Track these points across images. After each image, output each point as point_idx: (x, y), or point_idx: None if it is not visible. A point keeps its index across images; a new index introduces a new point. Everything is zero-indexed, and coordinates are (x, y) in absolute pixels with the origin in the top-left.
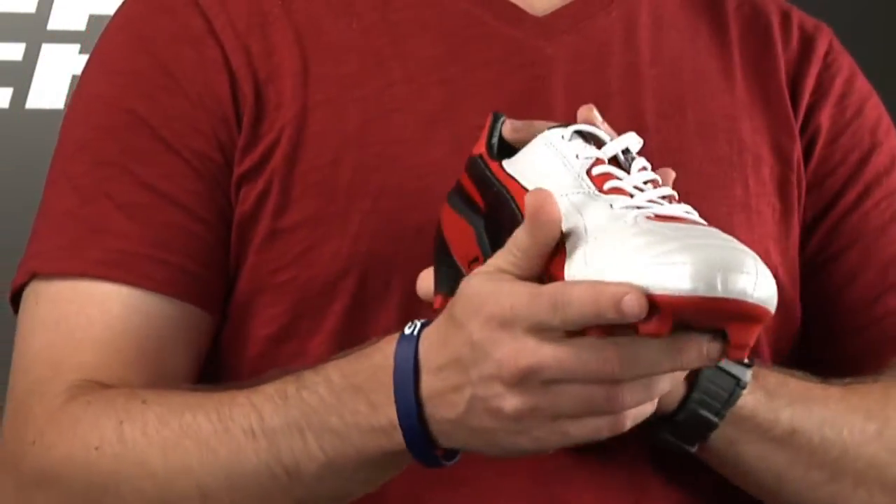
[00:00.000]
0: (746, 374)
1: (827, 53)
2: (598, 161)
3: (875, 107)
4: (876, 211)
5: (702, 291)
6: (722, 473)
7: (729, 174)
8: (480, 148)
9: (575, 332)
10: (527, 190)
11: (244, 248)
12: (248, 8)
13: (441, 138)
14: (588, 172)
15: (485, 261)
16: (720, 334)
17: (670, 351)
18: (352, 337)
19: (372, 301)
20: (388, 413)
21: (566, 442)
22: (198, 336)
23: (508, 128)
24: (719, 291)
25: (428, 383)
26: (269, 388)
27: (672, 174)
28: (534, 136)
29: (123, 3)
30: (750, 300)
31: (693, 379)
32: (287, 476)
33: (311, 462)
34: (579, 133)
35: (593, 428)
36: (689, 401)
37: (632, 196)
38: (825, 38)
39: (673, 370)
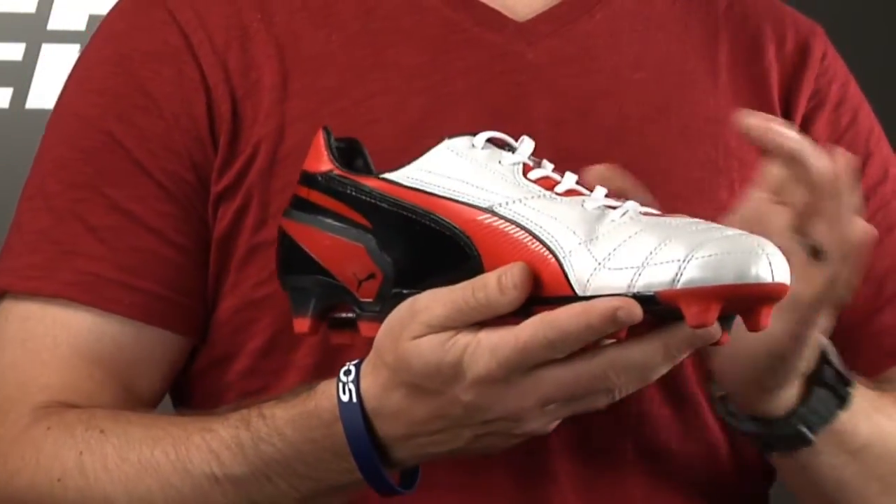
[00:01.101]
0: (852, 396)
1: (823, 58)
2: (527, 166)
3: (867, 114)
4: (872, 223)
5: (742, 279)
6: (783, 475)
7: (714, 178)
8: (324, 164)
9: None
10: (455, 201)
11: (225, 265)
12: (227, 22)
13: (420, 148)
14: (525, 177)
15: (384, 275)
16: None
17: (661, 348)
18: (335, 348)
19: None
20: (352, 460)
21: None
22: (168, 358)
23: (599, 176)
24: (753, 277)
25: (402, 447)
26: (223, 433)
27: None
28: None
29: (105, 19)
30: (776, 281)
31: (805, 393)
32: None
33: (287, 499)
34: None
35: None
36: (794, 416)
37: (589, 196)
38: (821, 42)
39: (665, 364)
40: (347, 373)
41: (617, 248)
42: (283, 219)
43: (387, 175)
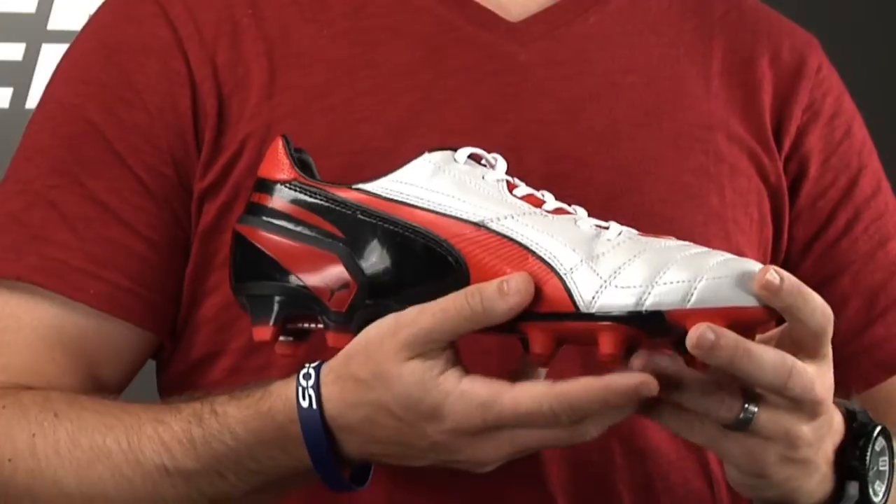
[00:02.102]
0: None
1: (818, 70)
2: (511, 184)
3: (860, 127)
4: (864, 236)
5: (747, 301)
6: None
7: (704, 184)
8: (285, 172)
9: None
10: (441, 214)
11: (208, 262)
12: (218, 16)
13: (409, 147)
14: (511, 194)
15: (359, 285)
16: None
17: (600, 397)
18: (320, 347)
19: None
20: (306, 458)
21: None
22: (129, 351)
23: (767, 287)
24: (755, 301)
25: (356, 454)
26: (175, 427)
27: None
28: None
29: (97, 10)
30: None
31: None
32: (212, 501)
33: (237, 491)
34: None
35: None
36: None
37: (575, 214)
38: (816, 55)
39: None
40: (307, 377)
41: (622, 266)
42: (241, 225)
43: (361, 186)
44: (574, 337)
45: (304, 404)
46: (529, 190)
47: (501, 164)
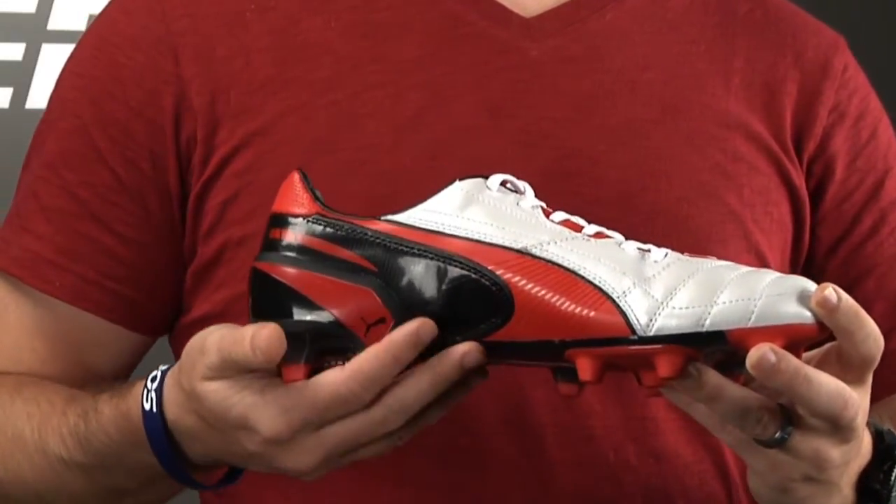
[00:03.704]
0: None
1: (844, 71)
2: (545, 210)
3: (886, 128)
4: (891, 239)
5: (804, 319)
6: None
7: (721, 182)
8: (305, 206)
9: None
10: (481, 243)
11: (218, 257)
12: (219, 9)
13: (413, 143)
14: (549, 220)
15: (395, 319)
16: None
17: (428, 378)
18: None
19: None
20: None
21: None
22: (108, 344)
23: (824, 304)
24: (810, 318)
25: (204, 452)
26: (71, 420)
27: None
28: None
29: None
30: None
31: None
32: (114, 491)
33: (129, 483)
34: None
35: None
36: None
37: (613, 238)
38: (842, 55)
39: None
40: (153, 379)
41: (676, 288)
42: (261, 262)
43: (392, 217)
44: (628, 362)
45: (146, 407)
46: (566, 216)
47: (530, 191)
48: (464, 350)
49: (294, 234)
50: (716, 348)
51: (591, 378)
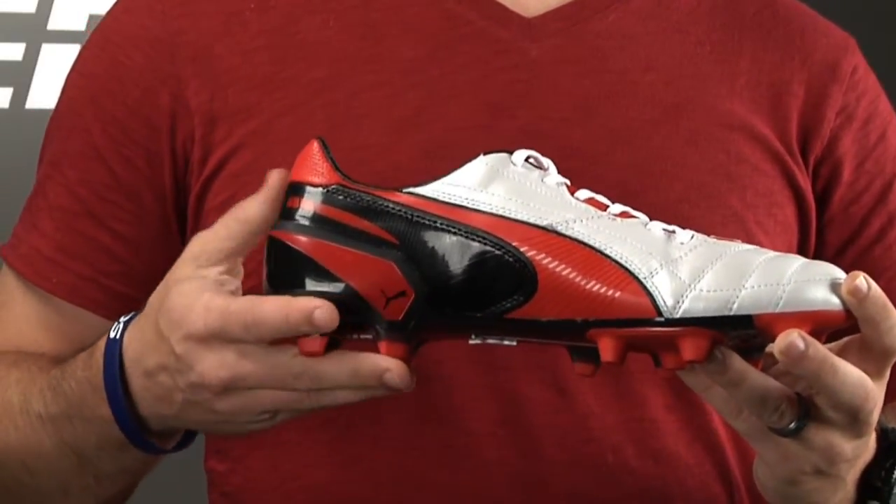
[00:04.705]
0: None
1: (853, 73)
2: (570, 187)
3: None
4: None
5: (831, 305)
6: None
7: (724, 184)
8: (324, 176)
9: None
10: (506, 219)
11: None
12: (217, 7)
13: (410, 143)
14: (574, 197)
15: (416, 293)
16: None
17: (349, 371)
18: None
19: None
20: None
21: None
22: (89, 338)
23: (855, 293)
24: (837, 304)
25: (139, 384)
26: (52, 374)
27: None
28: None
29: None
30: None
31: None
32: (76, 456)
33: (84, 444)
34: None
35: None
36: None
37: (639, 218)
38: (851, 57)
39: (351, 391)
40: (127, 314)
41: (705, 270)
42: (278, 231)
43: (414, 190)
44: (652, 344)
45: (112, 335)
46: (591, 194)
47: (553, 168)
48: (385, 366)
49: (313, 204)
50: (741, 332)
51: (614, 358)
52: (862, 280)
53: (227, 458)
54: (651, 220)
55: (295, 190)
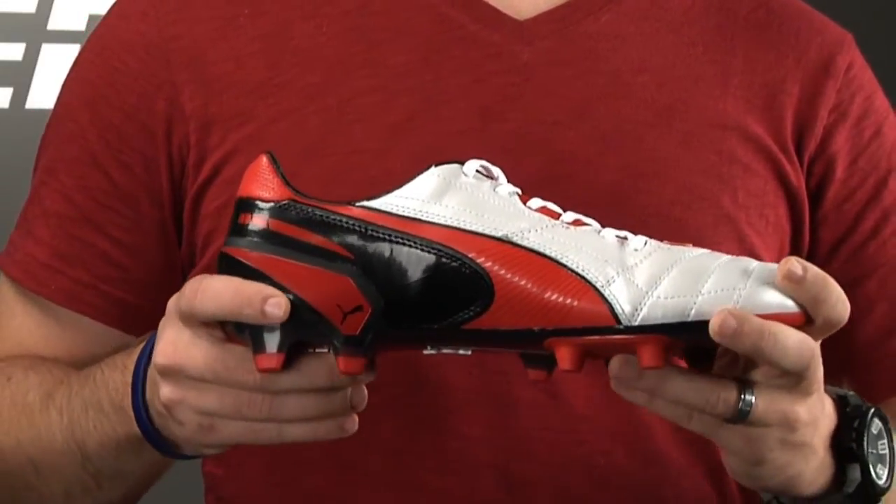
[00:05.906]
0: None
1: (847, 70)
2: (522, 196)
3: (892, 127)
4: (893, 240)
5: (788, 308)
6: None
7: (715, 185)
8: (275, 191)
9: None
10: (460, 230)
11: (207, 267)
12: (211, 13)
13: (403, 148)
14: (526, 206)
15: (373, 307)
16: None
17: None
18: None
19: None
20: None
21: (223, 442)
22: (108, 347)
23: (790, 277)
24: (792, 307)
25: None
26: (91, 369)
27: None
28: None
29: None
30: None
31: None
32: (80, 452)
33: (90, 438)
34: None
35: (247, 432)
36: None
37: (591, 225)
38: (846, 53)
39: (327, 388)
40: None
41: (661, 277)
42: (230, 248)
43: (367, 203)
44: (609, 351)
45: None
46: (542, 202)
47: (503, 177)
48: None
49: (265, 219)
50: (700, 338)
51: (571, 367)
52: (794, 263)
53: (224, 463)
54: (603, 227)
55: (245, 206)
